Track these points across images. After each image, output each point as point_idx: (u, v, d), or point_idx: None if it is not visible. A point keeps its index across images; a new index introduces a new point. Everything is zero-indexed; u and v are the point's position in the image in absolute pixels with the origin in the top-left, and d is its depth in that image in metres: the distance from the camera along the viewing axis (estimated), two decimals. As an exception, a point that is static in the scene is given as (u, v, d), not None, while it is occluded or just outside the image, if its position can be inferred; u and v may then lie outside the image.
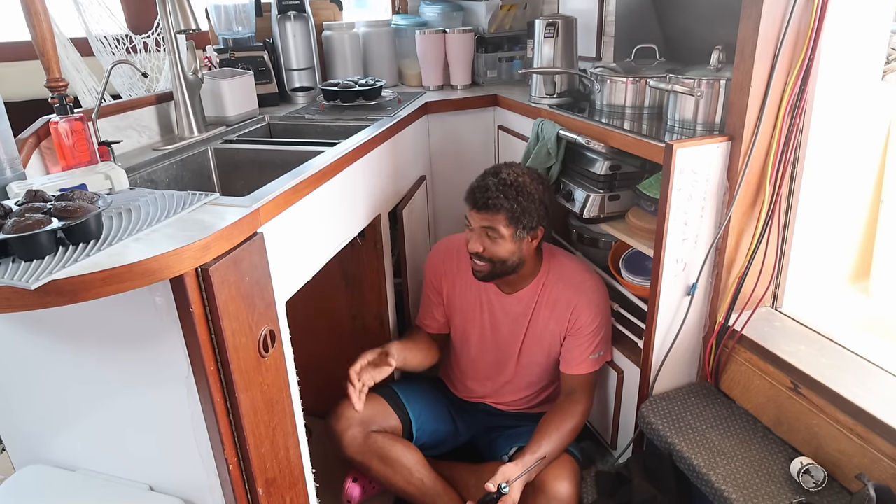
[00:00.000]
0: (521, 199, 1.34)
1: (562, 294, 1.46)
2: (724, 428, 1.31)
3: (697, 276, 1.33)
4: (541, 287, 1.48)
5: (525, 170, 1.40)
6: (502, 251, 1.37)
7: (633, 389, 1.48)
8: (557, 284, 1.47)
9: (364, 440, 1.51)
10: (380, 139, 1.54)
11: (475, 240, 1.38)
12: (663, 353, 1.39)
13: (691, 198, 1.25)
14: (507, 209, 1.33)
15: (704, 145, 1.23)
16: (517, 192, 1.34)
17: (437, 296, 1.62)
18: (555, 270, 1.48)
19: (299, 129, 1.74)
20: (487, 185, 1.35)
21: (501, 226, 1.34)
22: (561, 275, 1.48)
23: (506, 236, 1.36)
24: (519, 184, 1.35)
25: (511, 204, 1.33)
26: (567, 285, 1.46)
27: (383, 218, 1.59)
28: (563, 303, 1.46)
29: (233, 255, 0.94)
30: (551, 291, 1.47)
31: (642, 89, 1.49)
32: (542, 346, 1.51)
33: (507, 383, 1.58)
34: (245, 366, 0.99)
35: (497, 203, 1.33)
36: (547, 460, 1.36)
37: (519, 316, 1.50)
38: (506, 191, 1.33)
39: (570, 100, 1.72)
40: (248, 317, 0.99)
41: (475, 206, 1.36)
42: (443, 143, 1.97)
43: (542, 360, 1.52)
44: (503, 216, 1.34)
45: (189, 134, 1.53)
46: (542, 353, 1.52)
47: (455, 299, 1.59)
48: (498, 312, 1.52)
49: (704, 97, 1.29)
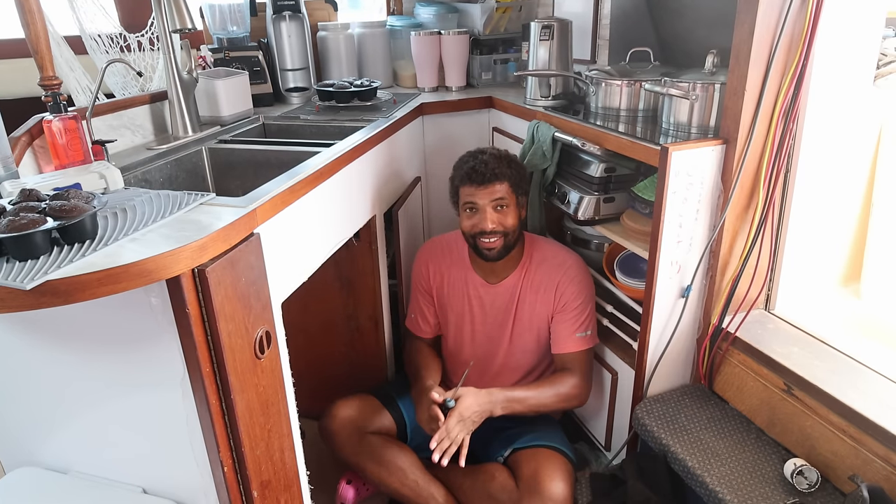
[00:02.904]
0: (515, 165, 1.44)
1: (545, 276, 1.49)
2: (718, 429, 1.31)
3: (692, 279, 1.34)
4: (524, 273, 1.51)
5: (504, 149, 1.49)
6: (512, 219, 1.43)
7: (627, 391, 1.48)
8: (540, 267, 1.50)
9: (358, 441, 1.51)
10: (375, 140, 1.54)
11: (487, 217, 1.41)
12: (657, 355, 1.40)
13: (686, 200, 1.26)
14: (509, 176, 1.41)
15: (699, 148, 1.23)
16: (509, 160, 1.44)
17: (427, 298, 1.62)
18: (536, 255, 1.51)
19: (294, 130, 1.74)
20: (485, 161, 1.41)
21: (507, 194, 1.41)
22: (542, 258, 1.51)
23: (511, 205, 1.42)
24: (507, 154, 1.46)
25: (511, 171, 1.41)
26: (549, 266, 1.49)
27: (378, 219, 1.59)
28: (546, 284, 1.49)
29: (229, 255, 0.94)
30: (535, 275, 1.50)
31: (637, 92, 1.50)
32: (532, 331, 1.53)
33: (498, 374, 1.58)
34: (241, 367, 0.99)
35: (501, 172, 1.40)
36: (520, 407, 1.41)
37: (507, 304, 1.52)
38: (501, 160, 1.42)
39: (564, 102, 1.73)
40: (244, 318, 0.99)
41: (480, 182, 1.40)
42: (437, 145, 1.97)
43: (532, 345, 1.54)
44: (507, 184, 1.40)
45: (183, 133, 1.52)
46: (532, 339, 1.54)
47: (445, 298, 1.60)
48: (486, 304, 1.54)
49: (699, 101, 1.30)
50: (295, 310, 1.70)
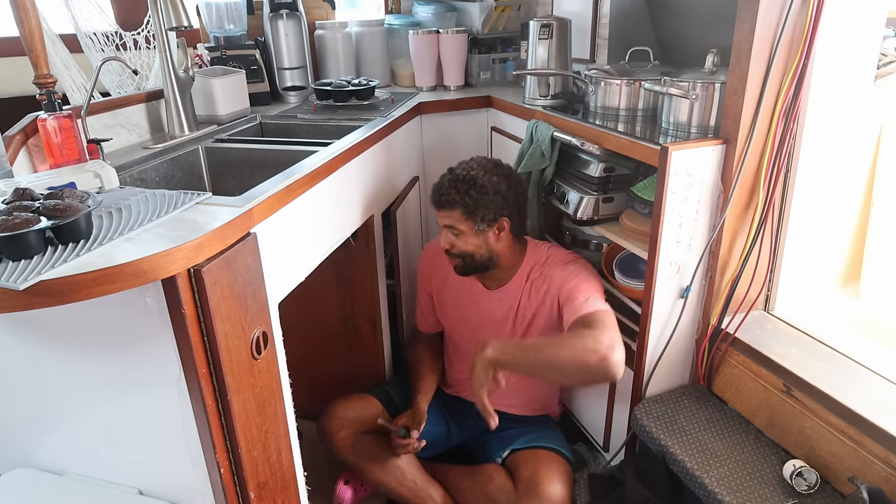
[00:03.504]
0: (473, 192, 1.34)
1: (546, 280, 1.45)
2: (717, 430, 1.31)
3: (691, 279, 1.33)
4: (525, 279, 1.47)
5: (484, 163, 1.40)
6: (467, 246, 1.39)
7: (625, 391, 1.48)
8: (542, 273, 1.46)
9: (356, 441, 1.51)
10: (373, 139, 1.53)
11: (442, 237, 1.41)
12: (656, 356, 1.39)
13: (686, 201, 1.26)
14: (460, 204, 1.34)
15: (699, 148, 1.23)
16: (468, 186, 1.34)
17: (427, 298, 1.62)
18: (539, 262, 1.47)
19: (291, 129, 1.73)
20: (442, 183, 1.38)
21: (458, 222, 1.36)
22: (545, 264, 1.46)
23: (466, 231, 1.37)
24: (471, 178, 1.35)
25: (462, 198, 1.34)
26: (551, 270, 1.44)
27: (376, 219, 1.58)
28: (546, 279, 1.44)
29: (226, 255, 0.93)
30: (538, 282, 1.45)
31: (636, 92, 1.49)
32: (537, 332, 1.48)
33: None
34: (237, 368, 0.98)
35: (450, 199, 1.35)
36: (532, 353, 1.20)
37: (507, 310, 1.49)
38: (457, 186, 1.35)
39: (563, 101, 1.72)
40: (240, 318, 0.98)
41: (433, 204, 1.40)
42: (436, 144, 1.96)
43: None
44: (458, 211, 1.35)
45: (180, 133, 1.51)
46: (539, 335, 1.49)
47: (445, 300, 1.59)
48: (486, 309, 1.52)
49: (699, 100, 1.30)
50: (292, 310, 1.69)
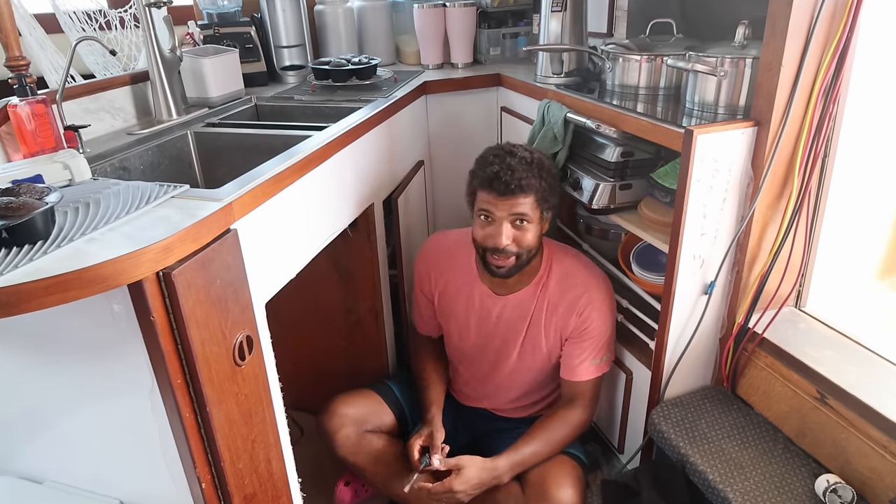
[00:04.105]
0: (546, 175, 1.22)
1: (565, 297, 1.32)
2: (742, 438, 1.21)
3: (716, 274, 1.23)
4: (540, 288, 1.34)
5: (535, 150, 1.27)
6: (532, 237, 1.23)
7: (642, 392, 1.38)
8: (559, 286, 1.33)
9: (358, 440, 1.43)
10: (373, 122, 1.43)
11: (502, 232, 1.21)
12: (677, 356, 1.29)
13: (711, 189, 1.14)
14: (537, 188, 1.20)
15: (727, 131, 1.11)
16: (541, 168, 1.21)
17: (427, 302, 1.50)
18: (557, 270, 1.34)
19: (288, 111, 1.63)
20: (512, 167, 1.19)
21: (533, 209, 1.21)
22: (563, 274, 1.33)
23: (535, 220, 1.23)
24: (539, 160, 1.22)
25: (540, 182, 1.20)
26: (570, 287, 1.32)
27: (377, 207, 1.49)
28: (565, 306, 1.32)
29: (201, 256, 0.85)
30: (552, 294, 1.33)
31: (658, 68, 1.36)
32: (542, 352, 1.38)
33: (504, 388, 1.47)
34: (217, 377, 0.90)
35: (529, 184, 1.18)
36: (527, 465, 1.31)
37: (517, 319, 1.37)
38: (531, 169, 1.20)
39: (578, 79, 1.60)
40: (220, 323, 0.90)
41: (502, 192, 1.19)
42: (442, 126, 1.85)
43: (541, 364, 1.40)
44: (533, 197, 1.20)
45: (167, 117, 1.42)
46: (542, 359, 1.39)
47: (448, 305, 1.45)
48: (493, 316, 1.39)
49: (728, 77, 1.17)
50: (290, 302, 1.62)
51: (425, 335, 1.58)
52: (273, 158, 1.07)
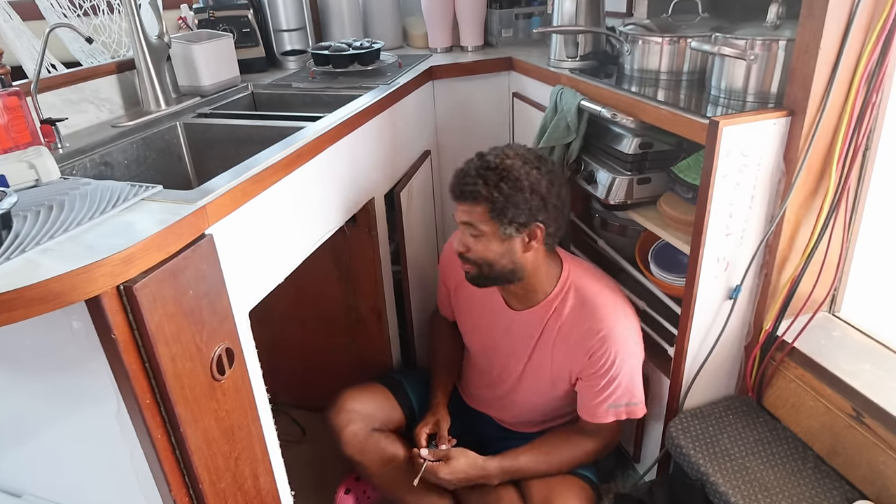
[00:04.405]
0: (505, 185, 1.06)
1: (576, 327, 1.18)
2: (768, 455, 1.12)
3: (742, 278, 1.12)
4: (551, 311, 1.20)
5: (524, 153, 1.12)
6: (487, 252, 1.12)
7: (659, 401, 1.29)
8: (575, 314, 1.18)
9: (365, 438, 1.36)
10: (373, 110, 1.34)
11: (459, 237, 1.16)
12: (698, 364, 1.19)
13: (738, 185, 1.04)
14: (485, 198, 1.07)
15: (758, 122, 1.00)
16: (500, 177, 1.07)
17: (446, 291, 1.44)
18: (575, 295, 1.19)
19: (286, 100, 1.55)
20: (466, 170, 1.11)
21: (481, 220, 1.09)
22: (582, 302, 1.18)
23: (488, 233, 1.10)
24: (504, 168, 1.08)
25: (490, 192, 1.07)
26: (586, 319, 1.17)
27: (378, 202, 1.40)
28: (577, 338, 1.18)
29: (169, 266, 0.77)
30: (565, 320, 1.19)
31: (681, 52, 1.25)
32: (546, 377, 1.27)
33: (509, 403, 1.39)
34: (192, 394, 0.83)
35: (474, 191, 1.08)
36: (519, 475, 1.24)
37: (524, 337, 1.26)
38: (486, 175, 1.08)
39: (594, 63, 1.49)
40: (193, 337, 0.83)
41: (452, 193, 1.14)
42: (450, 113, 1.75)
43: (545, 390, 1.30)
44: (482, 207, 1.08)
45: (155, 107, 1.34)
46: (546, 385, 1.29)
47: (460, 304, 1.39)
48: (501, 328, 1.30)
49: (758, 62, 1.06)
50: (288, 298, 1.56)
51: (444, 316, 1.51)
52: (255, 156, 0.99)
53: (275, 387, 1.79)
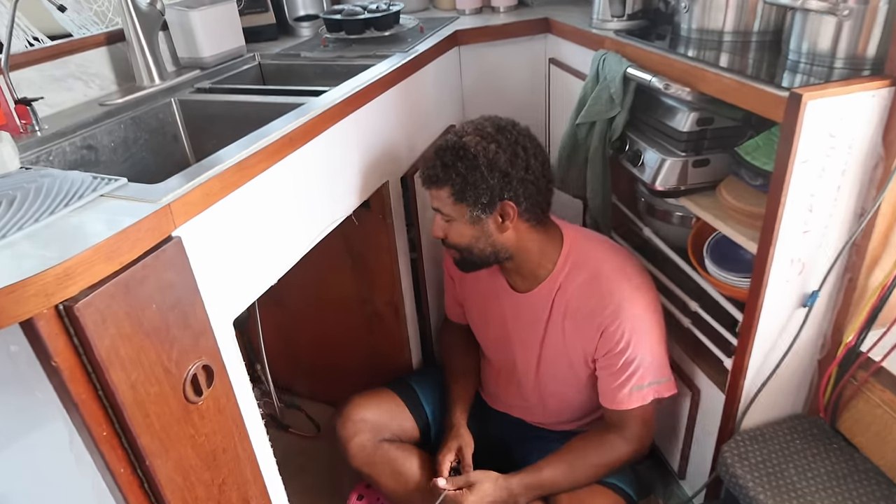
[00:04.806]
0: (461, 165, 1.00)
1: (585, 303, 1.08)
2: (844, 491, 0.94)
3: (821, 283, 0.94)
4: (556, 288, 1.10)
5: (484, 126, 1.03)
6: (462, 237, 1.07)
7: (712, 417, 1.12)
8: (582, 290, 1.08)
9: (374, 450, 1.26)
10: (387, 82, 1.19)
11: (434, 223, 1.10)
12: (761, 380, 1.02)
13: (823, 173, 0.84)
14: (445, 181, 1.02)
15: (851, 94, 0.80)
16: (456, 156, 1.00)
17: (451, 282, 1.33)
18: (579, 269, 1.09)
19: (295, 71, 1.40)
20: (428, 156, 1.07)
21: (446, 205, 1.04)
22: (589, 277, 1.08)
23: (456, 218, 1.05)
24: (460, 146, 1.00)
25: (448, 174, 1.01)
26: (593, 294, 1.07)
27: (393, 185, 1.26)
28: (585, 315, 1.08)
29: (122, 278, 0.65)
30: (571, 296, 1.09)
31: (752, 7, 1.03)
32: (563, 361, 1.15)
33: (534, 397, 1.26)
34: (161, 422, 0.72)
35: (434, 175, 1.03)
36: (546, 490, 1.11)
37: (532, 322, 1.15)
38: (443, 157, 1.02)
39: (644, 24, 1.28)
40: (160, 357, 0.71)
41: (422, 181, 1.08)
42: (479, 84, 1.58)
43: (567, 377, 1.18)
44: (446, 191, 1.03)
45: (149, 82, 1.22)
46: (566, 371, 1.16)
47: (468, 290, 1.28)
48: (510, 314, 1.19)
49: (852, 17, 0.85)
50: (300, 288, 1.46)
51: (455, 322, 1.40)
52: (237, 142, 0.85)
53: (292, 376, 1.73)
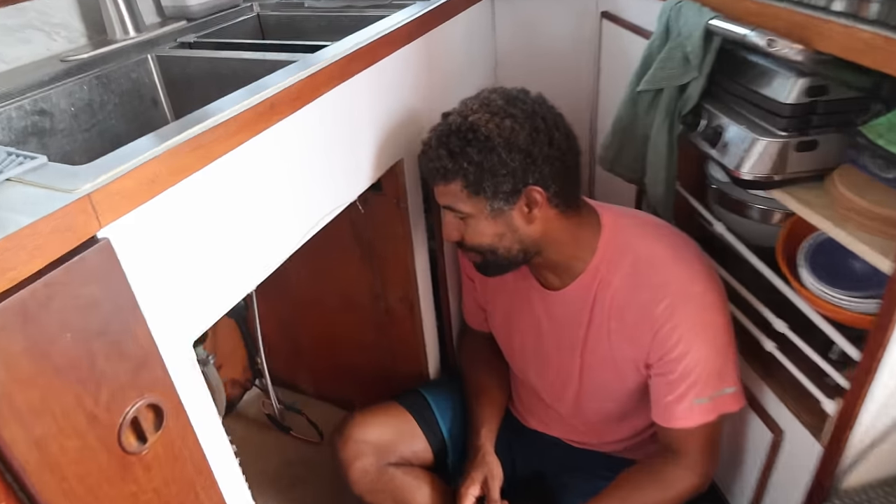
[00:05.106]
0: (472, 150, 0.82)
1: (633, 297, 0.89)
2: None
3: (973, 312, 0.70)
4: (597, 281, 0.92)
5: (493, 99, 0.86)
6: (482, 237, 0.89)
7: (800, 469, 0.90)
8: (629, 281, 0.90)
9: (378, 476, 1.10)
10: (402, 37, 0.97)
11: (444, 224, 0.93)
12: (874, 431, 0.79)
13: None
14: (454, 172, 0.84)
15: None
16: (465, 141, 0.83)
17: (470, 282, 1.16)
18: (619, 254, 0.91)
19: (297, 24, 1.20)
20: (429, 141, 0.88)
21: (459, 200, 0.86)
22: (636, 264, 0.90)
23: (474, 214, 0.87)
24: (468, 127, 0.83)
25: (458, 163, 0.83)
26: (642, 281, 0.89)
27: (409, 164, 1.05)
28: (637, 312, 0.89)
29: (14, 301, 0.47)
30: (616, 290, 0.91)
31: (888, -66, 0.78)
32: (609, 372, 0.97)
33: (575, 413, 1.08)
34: (86, 483, 0.55)
35: (439, 166, 0.85)
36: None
37: (570, 323, 0.97)
38: (448, 143, 0.84)
39: (729, -36, 1.03)
40: (80, 401, 0.53)
41: (427, 177, 0.94)
42: (515, 42, 1.35)
43: (615, 386, 0.99)
44: (457, 185, 0.85)
45: (122, 34, 1.02)
46: (611, 377, 0.98)
47: (490, 292, 1.10)
48: (543, 316, 1.01)
49: None
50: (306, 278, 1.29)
51: (477, 330, 1.21)
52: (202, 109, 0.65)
53: (298, 374, 1.56)
